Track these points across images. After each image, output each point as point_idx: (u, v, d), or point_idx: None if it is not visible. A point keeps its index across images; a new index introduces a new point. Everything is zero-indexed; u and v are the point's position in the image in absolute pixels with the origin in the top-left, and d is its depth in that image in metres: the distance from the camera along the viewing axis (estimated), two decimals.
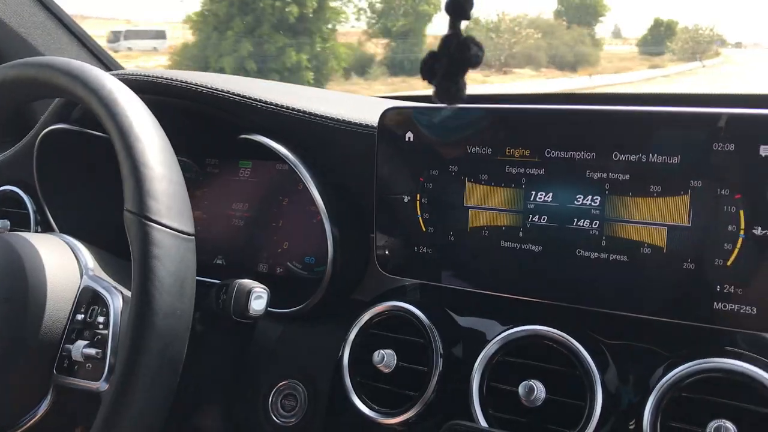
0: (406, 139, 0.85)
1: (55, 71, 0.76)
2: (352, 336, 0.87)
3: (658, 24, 45.50)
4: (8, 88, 0.81)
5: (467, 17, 0.38)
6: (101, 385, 0.73)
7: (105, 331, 0.75)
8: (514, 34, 31.55)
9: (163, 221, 0.68)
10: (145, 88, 0.99)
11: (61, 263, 0.80)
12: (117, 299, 0.77)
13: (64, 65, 0.77)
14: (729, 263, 0.69)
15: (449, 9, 0.37)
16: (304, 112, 0.95)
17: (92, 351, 0.74)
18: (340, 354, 0.87)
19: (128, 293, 0.76)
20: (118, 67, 1.37)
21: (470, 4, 0.38)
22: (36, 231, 1.17)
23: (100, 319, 0.76)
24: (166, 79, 1.01)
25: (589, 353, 0.73)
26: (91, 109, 0.74)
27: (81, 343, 0.75)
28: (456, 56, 0.37)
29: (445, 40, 0.38)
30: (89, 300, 0.78)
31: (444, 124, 0.83)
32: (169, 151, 0.73)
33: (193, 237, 0.71)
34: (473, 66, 0.37)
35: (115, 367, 0.69)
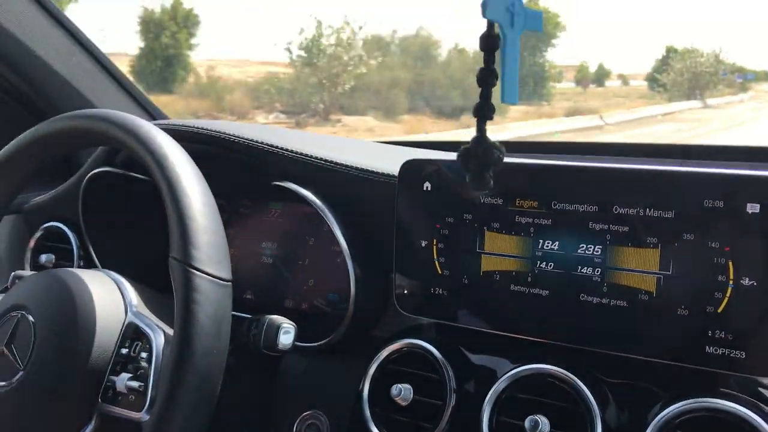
0: (424, 189, 0.92)
1: (110, 124, 0.83)
2: (371, 370, 0.93)
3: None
4: (65, 137, 0.89)
5: (491, 119, 0.46)
6: (143, 416, 0.78)
7: (147, 366, 0.80)
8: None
9: (204, 269, 0.75)
10: (187, 137, 1.07)
11: (108, 299, 0.86)
12: (159, 336, 0.82)
13: (119, 119, 0.84)
14: (720, 310, 0.75)
15: (476, 113, 0.45)
16: (330, 161, 1.03)
17: (135, 384, 0.79)
18: (360, 387, 0.93)
19: (169, 330, 0.81)
20: (162, 114, 1.46)
21: (493, 109, 0.46)
22: (79, 265, 1.25)
23: (143, 354, 0.81)
24: (206, 129, 1.10)
25: (590, 390, 0.79)
26: (142, 160, 0.80)
27: (125, 375, 0.80)
28: (482, 159, 0.45)
29: (475, 142, 0.46)
30: (133, 335, 0.83)
31: (459, 176, 0.90)
32: (211, 204, 0.80)
33: (230, 283, 0.78)
34: (498, 166, 0.45)
35: (156, 399, 0.74)
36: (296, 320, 0.94)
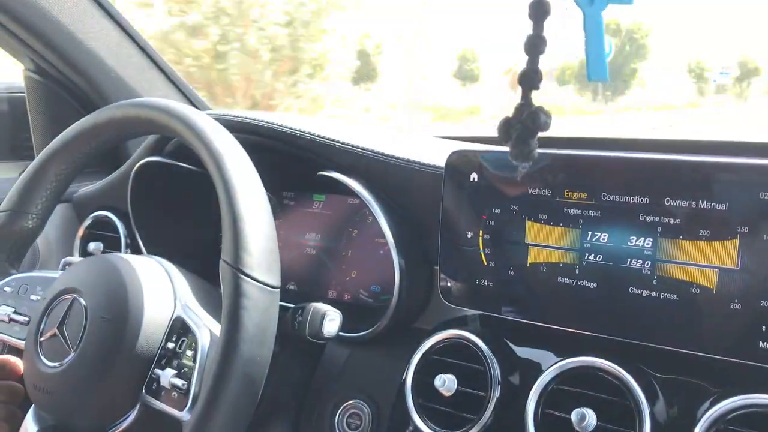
0: (471, 180, 0.92)
1: (170, 115, 0.84)
2: (415, 360, 0.93)
3: None
4: (124, 124, 0.90)
5: (537, 88, 0.45)
6: (184, 415, 0.78)
7: (192, 364, 0.80)
8: None
9: (254, 275, 0.75)
10: (236, 127, 1.08)
11: (158, 289, 0.86)
12: (205, 335, 0.81)
13: (178, 110, 0.85)
14: None
15: (521, 81, 0.44)
16: (377, 152, 1.03)
17: (179, 381, 0.79)
18: (403, 376, 0.93)
19: (215, 329, 0.81)
20: (205, 106, 1.49)
21: (540, 77, 0.44)
22: (126, 252, 1.28)
23: (189, 352, 0.81)
24: (254, 119, 1.11)
25: (638, 384, 0.78)
26: (199, 154, 0.81)
27: (170, 371, 0.80)
28: (528, 124, 0.44)
29: (520, 109, 0.44)
30: (179, 330, 0.83)
31: (506, 167, 0.90)
32: (266, 208, 0.80)
33: (279, 289, 0.78)
34: (544, 131, 0.44)
35: (198, 401, 0.75)
36: (339, 311, 0.95)
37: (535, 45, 0.44)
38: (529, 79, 0.44)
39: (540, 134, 0.45)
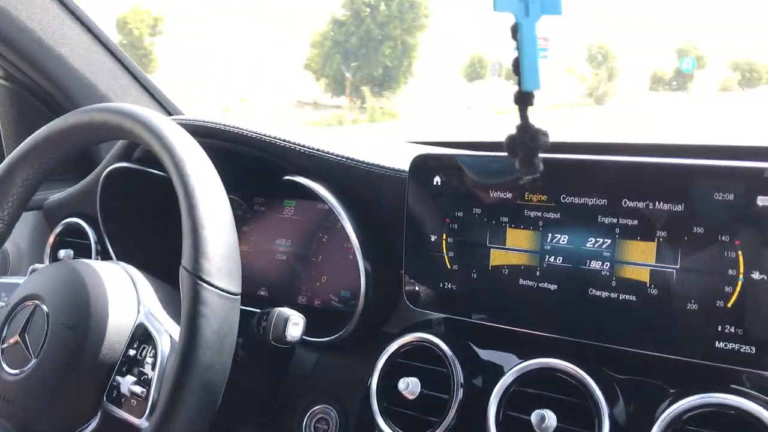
0: (434, 183, 0.92)
1: (130, 119, 0.84)
2: (380, 364, 0.93)
3: None
4: (84, 130, 0.90)
5: (532, 104, 0.46)
6: (142, 423, 0.78)
7: (152, 372, 0.79)
8: None
9: (214, 282, 0.74)
10: (203, 132, 1.08)
11: (122, 295, 0.85)
12: (166, 342, 0.81)
13: (139, 114, 0.84)
14: (729, 305, 0.74)
15: (517, 100, 0.46)
16: (342, 156, 1.03)
17: (138, 389, 0.79)
18: (369, 381, 0.93)
19: (176, 336, 0.80)
20: (177, 110, 1.48)
21: (533, 96, 0.46)
22: (97, 260, 1.27)
23: (149, 359, 0.80)
24: (221, 125, 1.11)
25: (598, 386, 0.78)
26: (160, 159, 0.81)
27: (130, 378, 0.80)
28: (530, 144, 0.46)
29: (521, 129, 0.47)
30: (141, 337, 0.83)
31: (469, 170, 0.90)
32: (227, 214, 0.79)
33: (239, 296, 0.77)
34: (544, 150, 0.47)
35: (156, 408, 0.74)
36: (309, 317, 0.94)
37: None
38: (523, 98, 0.46)
39: None
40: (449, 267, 0.91)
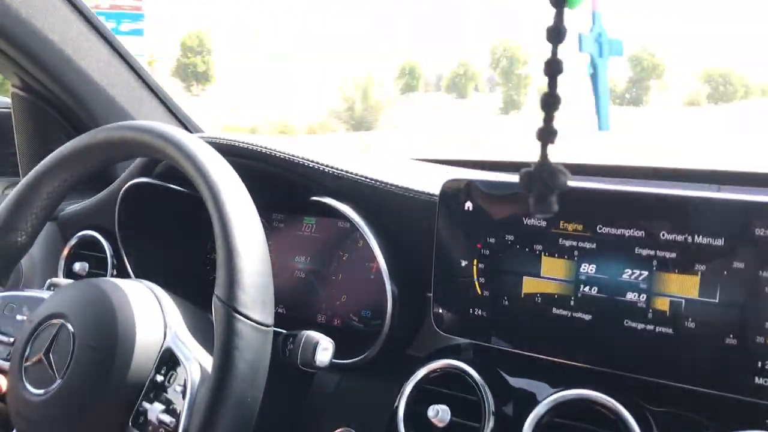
0: (465, 209, 0.92)
1: (163, 140, 0.83)
2: (408, 390, 0.92)
3: None
4: (113, 147, 0.89)
5: (554, 143, 0.45)
6: None
7: (181, 401, 0.77)
8: None
9: (248, 313, 0.73)
10: (230, 151, 1.07)
11: (148, 316, 0.83)
12: (195, 370, 0.78)
13: (170, 134, 0.83)
14: None
15: (540, 136, 0.45)
16: (371, 178, 1.03)
17: (167, 418, 0.76)
18: (395, 405, 0.92)
19: (205, 362, 0.79)
20: (197, 127, 1.47)
21: (556, 133, 0.44)
22: (112, 275, 1.26)
23: (178, 387, 0.78)
24: (247, 144, 1.10)
25: (634, 418, 0.78)
26: (193, 180, 0.79)
27: (158, 406, 0.77)
28: (548, 183, 0.44)
29: (539, 166, 0.45)
30: (168, 362, 0.81)
31: (502, 196, 0.90)
32: (262, 243, 0.78)
33: (272, 328, 0.76)
34: (562, 190, 0.44)
35: None
36: (328, 336, 0.93)
37: (550, 102, 0.44)
38: (546, 135, 0.44)
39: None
40: (480, 293, 0.91)
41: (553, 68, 0.45)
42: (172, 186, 1.16)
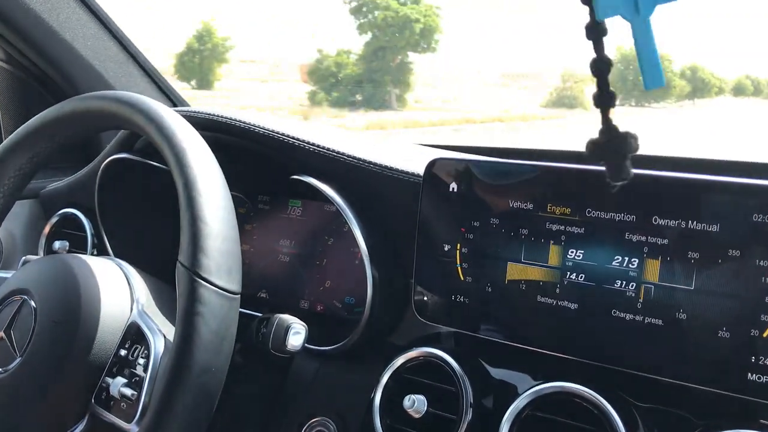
0: (451, 190, 0.87)
1: (131, 108, 0.79)
2: (384, 379, 0.88)
3: None
4: (85, 117, 0.85)
5: (614, 106, 0.42)
6: (132, 428, 0.73)
7: (143, 374, 0.75)
8: None
9: (212, 279, 0.69)
10: (208, 125, 1.04)
11: (115, 292, 0.81)
12: (159, 342, 0.77)
13: (140, 103, 0.79)
14: (765, 334, 0.69)
15: (598, 102, 0.42)
16: (353, 157, 0.99)
17: (128, 391, 0.74)
18: (372, 395, 0.88)
19: (171, 336, 0.76)
20: (183, 102, 1.44)
21: (615, 96, 0.42)
22: (92, 253, 1.23)
23: (141, 360, 0.76)
24: (227, 118, 1.06)
25: (618, 414, 0.73)
26: (160, 149, 0.76)
27: (120, 380, 0.76)
28: (620, 148, 0.42)
29: (605, 133, 0.42)
30: (133, 337, 0.79)
31: (488, 177, 0.85)
32: (228, 207, 0.75)
33: (239, 295, 0.72)
34: (635, 152, 0.42)
35: (147, 412, 0.70)
36: (310, 322, 0.90)
37: (599, 67, 0.42)
38: (604, 100, 0.41)
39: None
40: (462, 279, 0.87)
41: (595, 32, 0.42)
42: (151, 162, 1.12)
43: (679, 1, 0.41)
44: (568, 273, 0.79)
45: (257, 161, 1.10)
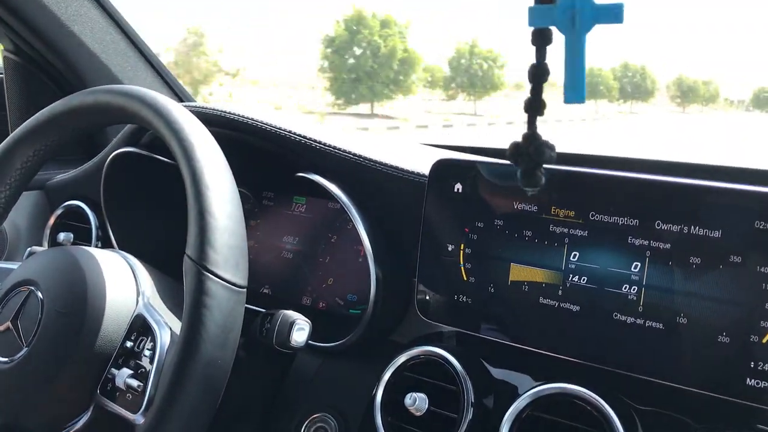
0: (455, 190, 0.88)
1: (140, 102, 0.80)
2: (386, 376, 0.89)
3: None
4: (95, 110, 0.85)
5: (542, 114, 0.42)
6: (137, 418, 0.74)
7: (149, 366, 0.76)
8: None
9: (219, 272, 0.70)
10: (215, 121, 1.04)
11: (121, 284, 0.82)
12: (165, 334, 0.77)
13: (150, 98, 0.80)
14: (764, 341, 0.70)
15: (528, 108, 0.42)
16: (359, 156, 0.99)
17: (134, 382, 0.75)
18: (373, 393, 0.89)
19: (177, 328, 0.77)
20: (189, 98, 1.44)
21: (545, 105, 0.42)
22: (97, 246, 1.23)
23: (147, 352, 0.77)
24: (234, 114, 1.06)
25: (617, 416, 0.74)
26: (168, 143, 0.76)
27: (125, 371, 0.76)
28: (534, 157, 0.42)
29: (526, 139, 0.43)
30: (139, 329, 0.79)
31: (493, 178, 0.86)
32: (235, 202, 0.75)
33: (245, 289, 0.73)
34: (550, 163, 0.43)
35: (153, 404, 0.70)
36: (313, 319, 0.90)
37: (537, 74, 0.42)
38: (534, 107, 0.42)
39: None
40: (465, 279, 0.87)
41: (539, 40, 0.42)
42: (157, 156, 1.13)
43: (617, 24, 0.41)
44: (571, 275, 0.80)
45: (262, 158, 1.10)
